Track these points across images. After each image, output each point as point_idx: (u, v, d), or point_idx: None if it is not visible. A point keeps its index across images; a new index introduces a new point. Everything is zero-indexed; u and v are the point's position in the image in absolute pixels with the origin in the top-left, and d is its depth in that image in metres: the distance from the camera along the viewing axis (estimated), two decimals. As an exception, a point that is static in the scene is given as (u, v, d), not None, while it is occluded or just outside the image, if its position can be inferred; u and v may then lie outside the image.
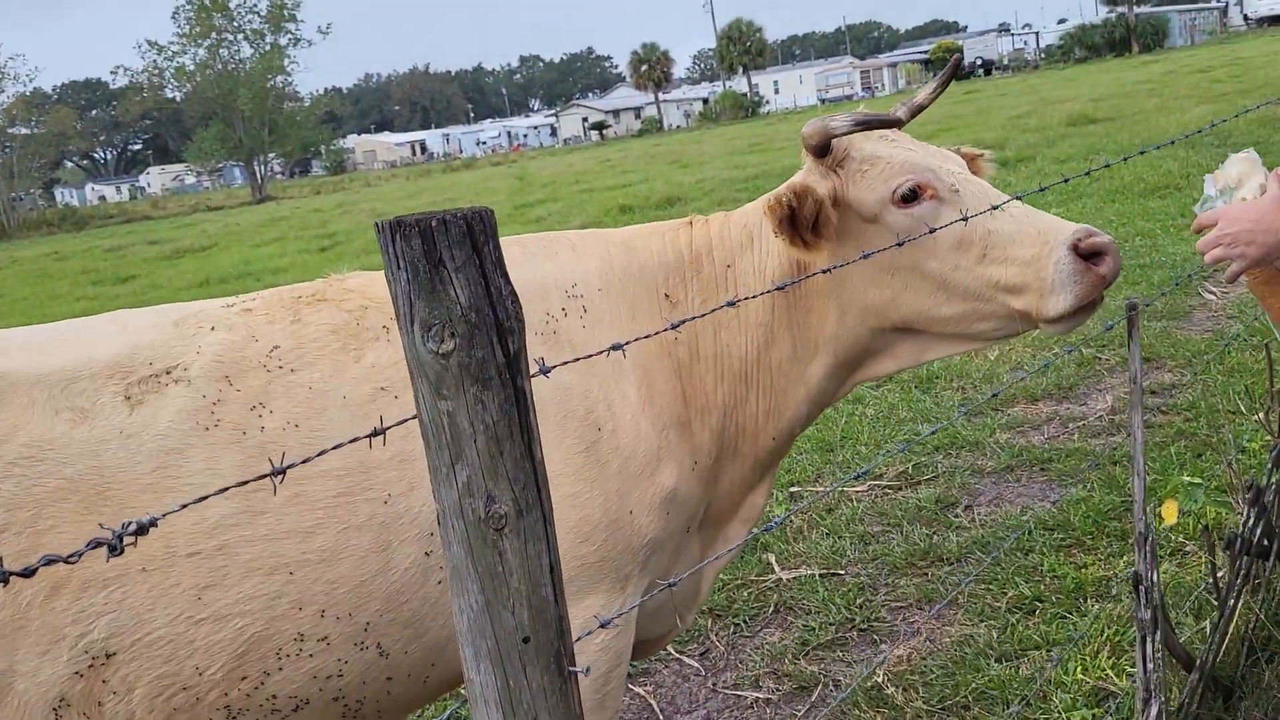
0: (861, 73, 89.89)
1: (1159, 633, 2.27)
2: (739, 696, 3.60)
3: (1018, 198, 2.35)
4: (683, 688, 3.72)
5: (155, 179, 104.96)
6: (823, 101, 78.36)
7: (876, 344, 2.41)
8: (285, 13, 64.83)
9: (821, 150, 2.28)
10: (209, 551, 1.92)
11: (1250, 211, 2.21)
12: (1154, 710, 2.26)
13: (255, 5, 64.74)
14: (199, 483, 1.94)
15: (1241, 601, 2.74)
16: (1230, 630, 2.76)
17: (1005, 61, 77.73)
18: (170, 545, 1.91)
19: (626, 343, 1.41)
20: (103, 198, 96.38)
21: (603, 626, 1.38)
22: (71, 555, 0.82)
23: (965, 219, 2.25)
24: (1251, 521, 2.70)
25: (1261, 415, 3.82)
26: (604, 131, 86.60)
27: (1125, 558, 3.93)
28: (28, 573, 0.79)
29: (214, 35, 64.06)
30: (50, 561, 0.80)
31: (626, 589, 2.20)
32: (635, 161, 32.91)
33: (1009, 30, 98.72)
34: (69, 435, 1.92)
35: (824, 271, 2.23)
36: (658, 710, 3.60)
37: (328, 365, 2.06)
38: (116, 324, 2.13)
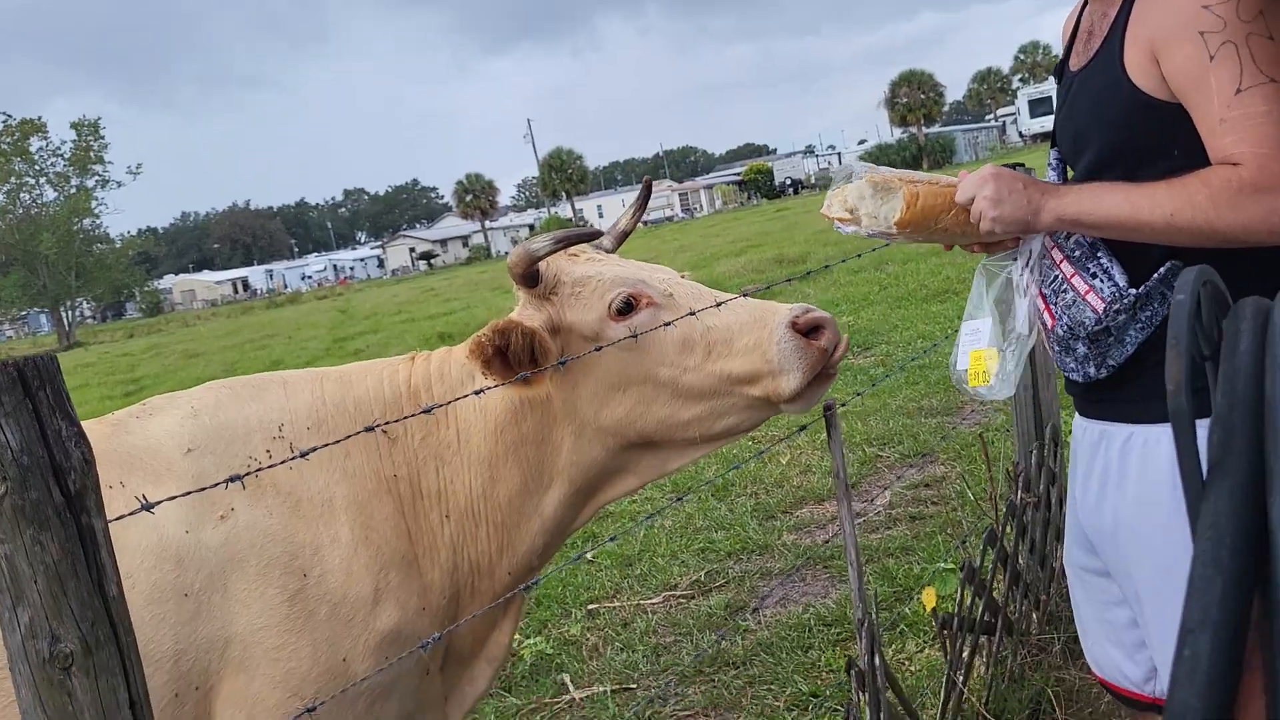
0: (680, 195, 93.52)
1: (881, 713, 2.38)
2: (527, 825, 3.54)
3: (745, 293, 2.42)
4: (471, 822, 3.63)
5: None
6: (645, 223, 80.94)
7: (616, 463, 2.42)
8: (92, 154, 62.96)
9: (531, 279, 2.32)
10: None
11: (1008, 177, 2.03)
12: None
13: (59, 149, 62.70)
14: None
15: (974, 675, 2.91)
16: (964, 706, 2.92)
17: (812, 180, 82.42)
18: None
19: (245, 474, 1.43)
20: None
21: (310, 711, 1.35)
22: None
23: (670, 324, 2.30)
24: (969, 600, 2.88)
25: (989, 500, 4.11)
26: (432, 261, 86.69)
27: (893, 645, 4.11)
28: None
29: (13, 180, 61.47)
30: None
31: None
32: (459, 289, 33.05)
33: (814, 152, 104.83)
34: None
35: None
36: None
37: None
38: None
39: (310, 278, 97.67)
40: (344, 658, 2.09)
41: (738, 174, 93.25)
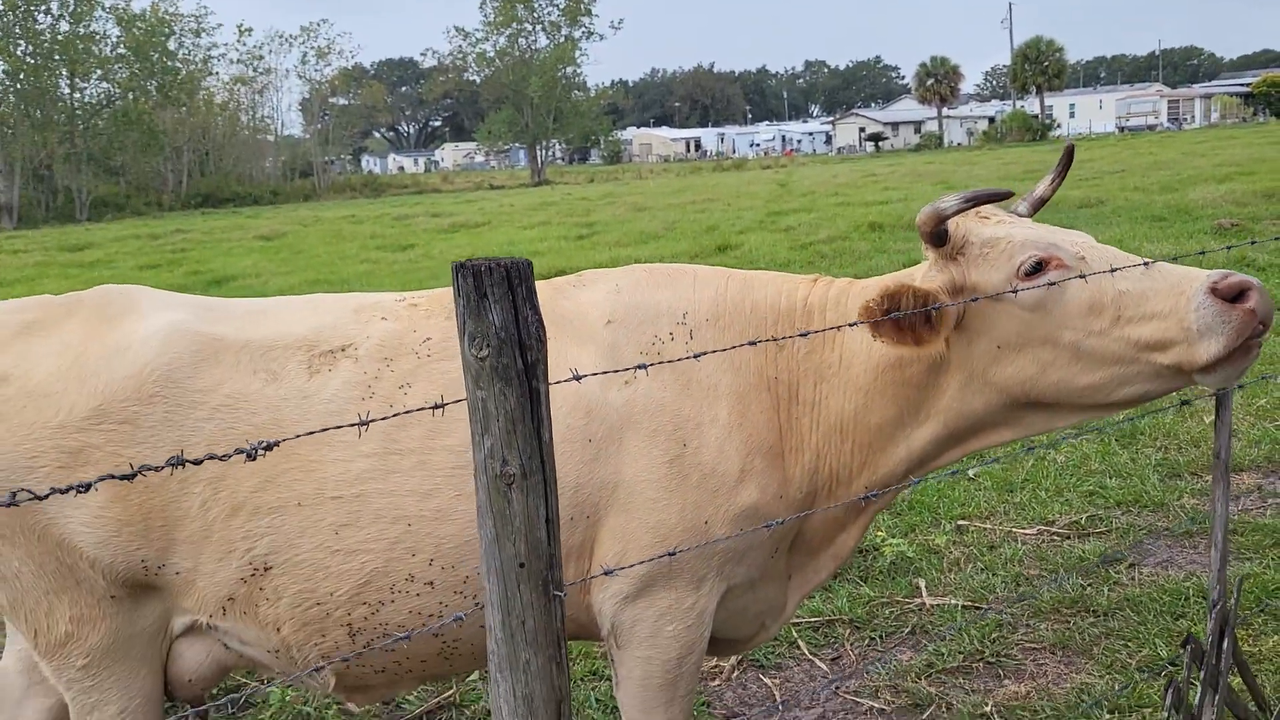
0: (1169, 102, 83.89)
1: (1218, 694, 2.37)
2: (856, 703, 3.84)
3: (1146, 262, 2.35)
4: (807, 686, 3.99)
5: (449, 154, 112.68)
6: (1121, 130, 73.80)
7: (997, 417, 2.49)
8: (582, 6, 68.10)
9: (939, 238, 2.39)
10: (349, 497, 2.38)
11: None
12: (1204, 771, 2.37)
13: (556, -1, 68.40)
14: (349, 440, 2.39)
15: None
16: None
17: (1339, 100, 70.29)
18: (321, 488, 2.38)
19: (650, 364, 1.74)
20: (401, 168, 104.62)
21: (606, 574, 1.72)
22: (202, 459, 1.27)
23: (1084, 276, 2.29)
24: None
25: None
26: (880, 143, 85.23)
27: (1276, 637, 3.86)
28: (177, 462, 1.24)
29: (514, 25, 68.16)
30: (179, 463, 1.25)
31: (701, 589, 2.48)
32: (901, 179, 32.46)
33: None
34: (260, 391, 2.44)
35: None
36: (779, 700, 3.90)
37: None
38: (310, 306, 2.65)
39: (758, 145, 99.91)
40: (706, 520, 2.44)
41: (1247, 84, 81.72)
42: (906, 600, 4.53)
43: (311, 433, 1.59)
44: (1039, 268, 2.32)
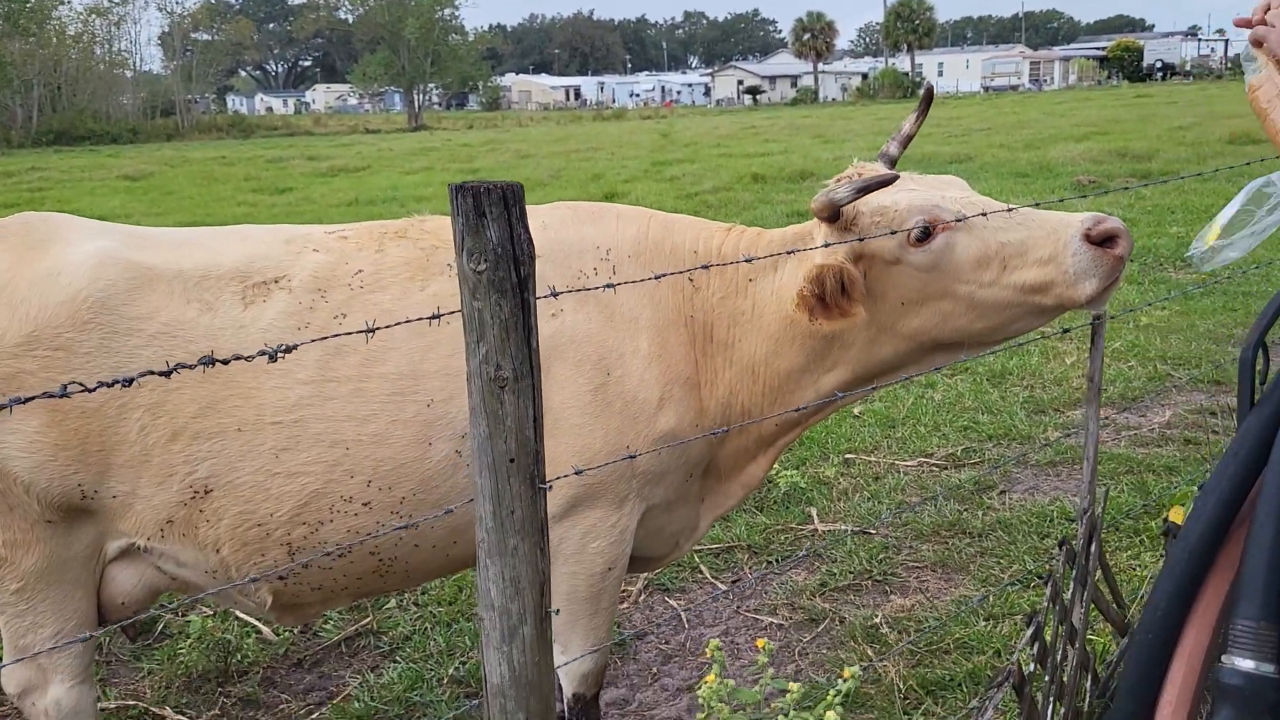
0: (1031, 64, 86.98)
1: (1086, 591, 2.69)
2: (756, 619, 4.11)
3: (1011, 208, 2.55)
4: (710, 606, 4.25)
5: (320, 96, 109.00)
6: (986, 89, 76.31)
7: (902, 360, 2.69)
8: (460, -54, 66.47)
9: (833, 217, 2.55)
10: (288, 423, 2.47)
11: None
12: (1072, 659, 2.69)
13: (434, -63, 66.55)
14: (285, 369, 2.48)
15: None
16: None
17: (1188, 67, 74.12)
18: (260, 414, 2.46)
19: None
20: (270, 109, 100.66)
21: (576, 473, 1.88)
22: (141, 375, 1.38)
23: (962, 221, 2.52)
24: (1202, 519, 3.07)
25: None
26: (757, 96, 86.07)
27: (1129, 552, 4.29)
28: (127, 382, 1.34)
29: (390, -36, 66.15)
30: (129, 381, 1.34)
31: (623, 508, 2.66)
32: (780, 131, 33.00)
33: (1197, 34, 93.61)
34: (196, 320, 2.49)
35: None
36: (684, 620, 4.14)
37: (398, 289, 2.57)
38: (238, 236, 2.70)
39: (638, 95, 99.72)
40: (628, 445, 2.60)
41: (1102, 48, 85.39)
42: (800, 527, 4.83)
43: (344, 333, 1.68)
44: (927, 232, 2.49)
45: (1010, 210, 2.56)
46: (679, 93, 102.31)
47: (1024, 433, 5.76)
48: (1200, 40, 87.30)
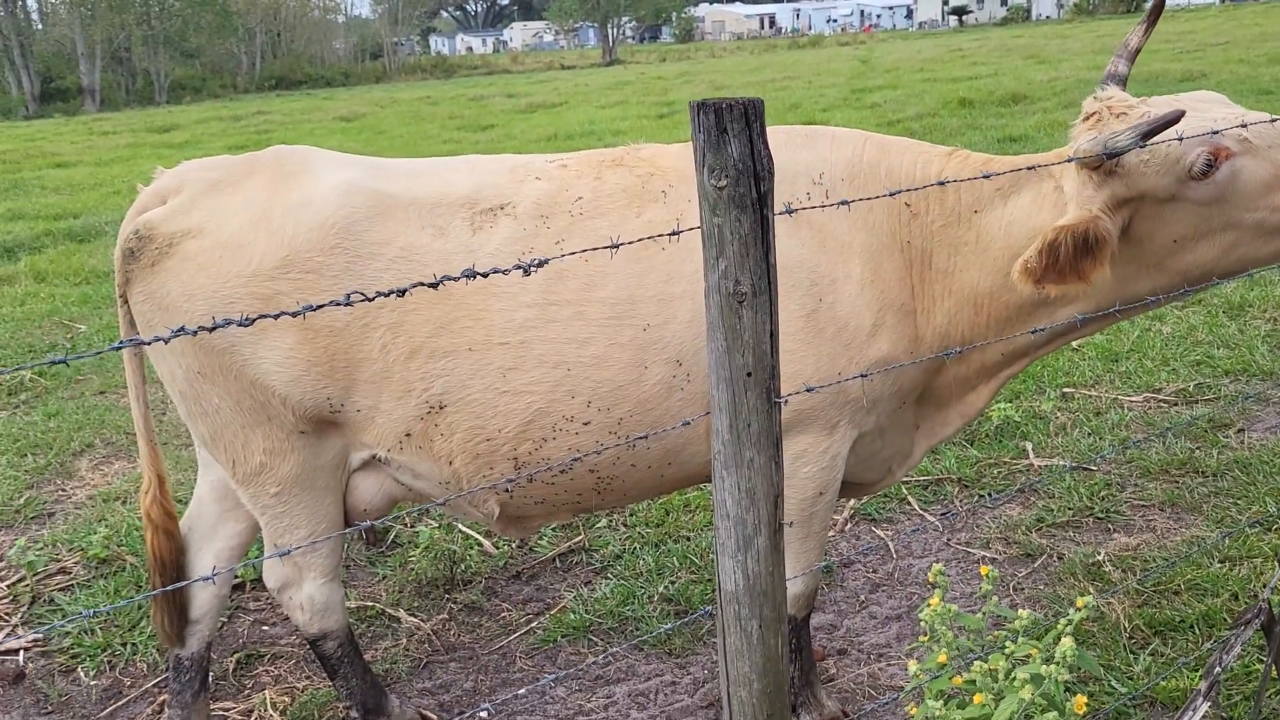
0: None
1: (1344, 535, 2.49)
2: (968, 553, 4.03)
3: (1275, 119, 2.34)
4: (919, 538, 4.19)
5: (517, 34, 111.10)
6: (1223, 0, 69.89)
7: (1160, 292, 2.51)
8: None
9: (1097, 164, 2.35)
10: (514, 344, 2.57)
11: None
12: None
13: None
14: (511, 291, 2.57)
15: None
16: None
17: None
18: (489, 334, 2.57)
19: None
20: (470, 48, 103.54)
21: (808, 390, 1.88)
22: (411, 286, 1.45)
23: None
24: None
25: None
26: (964, 17, 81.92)
27: (1388, 497, 3.95)
28: (379, 296, 1.41)
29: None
30: (378, 294, 1.40)
31: (834, 434, 2.65)
32: (989, 54, 31.35)
33: None
34: (430, 245, 2.62)
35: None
36: (893, 550, 4.10)
37: (616, 216, 2.63)
38: (468, 166, 2.80)
39: (835, 21, 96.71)
40: (840, 371, 2.58)
41: (1359, -53, 76.44)
42: (1013, 461, 4.68)
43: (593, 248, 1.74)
44: (1211, 164, 2.29)
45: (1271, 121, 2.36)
46: (879, 16, 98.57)
47: (1265, 368, 5.35)
48: None
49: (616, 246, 1.64)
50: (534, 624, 3.76)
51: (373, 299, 1.42)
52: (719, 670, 1.70)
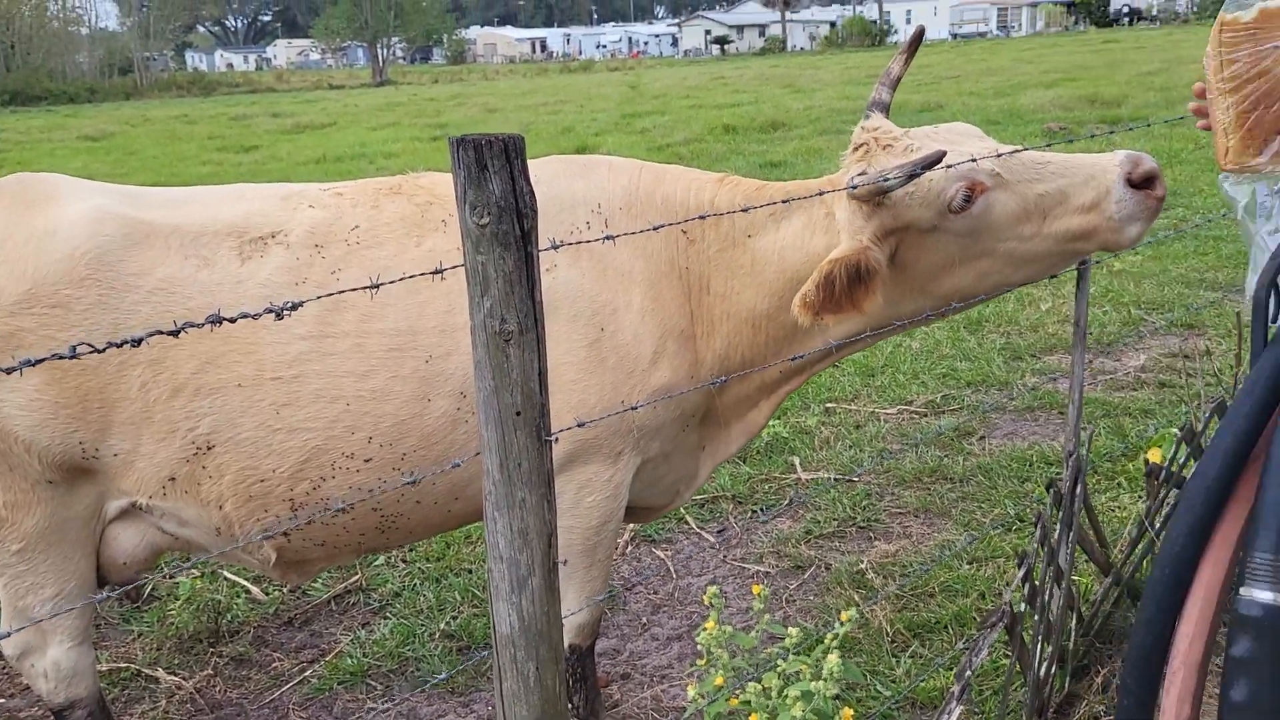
0: (999, 10, 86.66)
1: (1072, 532, 2.74)
2: (743, 568, 4.15)
3: (1024, 149, 2.51)
4: (697, 556, 4.29)
5: (282, 52, 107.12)
6: (954, 36, 75.96)
7: (923, 313, 2.63)
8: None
9: (868, 198, 2.44)
10: (288, 378, 2.46)
11: None
12: (1058, 599, 2.74)
13: (393, -114, 65.19)
14: (285, 324, 2.46)
15: (1160, 527, 3.18)
16: (1152, 551, 3.21)
17: (1154, 11, 74.20)
18: (260, 369, 2.45)
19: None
20: (230, 65, 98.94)
21: (579, 426, 1.89)
22: (145, 335, 1.37)
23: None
24: (1184, 459, 3.12)
25: (1234, 377, 4.17)
26: (725, 47, 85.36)
27: (1108, 494, 4.36)
28: (136, 341, 1.32)
29: (350, -87, 64.81)
30: (137, 341, 1.32)
31: (618, 462, 2.66)
32: (749, 81, 32.77)
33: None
34: (194, 276, 2.47)
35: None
36: (672, 570, 4.18)
37: (394, 245, 2.56)
38: (235, 194, 2.67)
39: (604, 47, 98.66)
40: (623, 400, 2.59)
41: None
42: (783, 476, 4.87)
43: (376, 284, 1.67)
44: (969, 198, 2.42)
45: (1018, 151, 2.51)
46: (646, 44, 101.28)
47: (1002, 379, 5.82)
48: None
49: (376, 286, 1.58)
50: (308, 672, 3.60)
51: (137, 342, 1.29)
52: (496, 713, 1.67)
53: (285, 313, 1.35)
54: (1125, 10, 73.65)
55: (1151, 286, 7.32)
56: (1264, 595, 1.15)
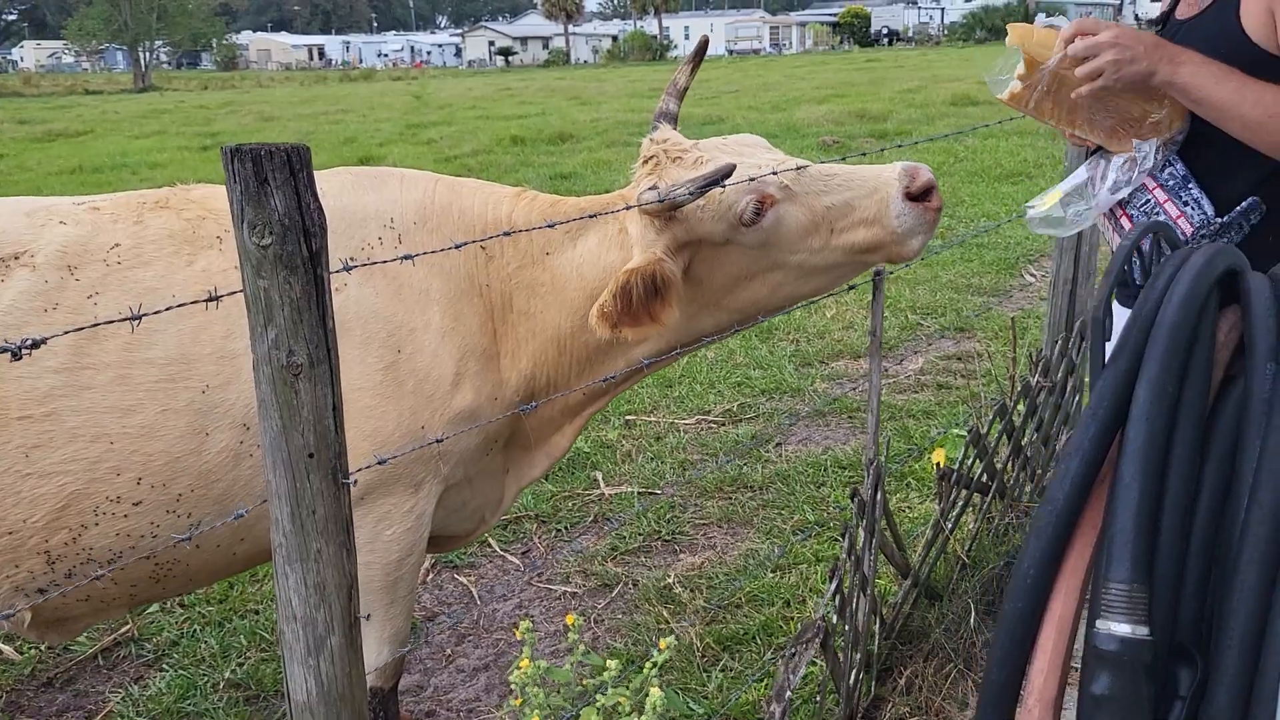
0: (771, 28, 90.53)
1: (874, 539, 2.78)
2: (550, 590, 4.05)
3: (804, 165, 2.52)
4: (502, 579, 4.16)
5: (29, 54, 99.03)
6: (730, 53, 78.67)
7: (722, 329, 2.64)
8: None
9: (659, 211, 2.42)
10: (38, 416, 2.18)
11: (1136, 33, 2.18)
12: (864, 605, 2.78)
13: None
14: (35, 356, 2.16)
15: (957, 527, 3.31)
16: (945, 551, 3.33)
17: (910, 34, 79.31)
18: (4, 408, 2.17)
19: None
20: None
21: (380, 463, 1.74)
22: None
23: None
24: (971, 460, 3.25)
25: (1008, 378, 4.43)
26: (510, 58, 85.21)
27: (898, 494, 4.52)
28: None
29: (104, -92, 60.69)
30: None
31: (420, 491, 2.50)
32: (536, 93, 32.77)
33: (916, 3, 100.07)
34: None
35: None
36: (477, 596, 4.03)
37: (162, 265, 2.32)
38: None
39: (386, 56, 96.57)
40: (423, 425, 2.45)
41: (834, 14, 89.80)
42: (586, 492, 4.80)
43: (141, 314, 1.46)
44: (759, 211, 2.43)
45: (802, 169, 2.53)
46: (429, 53, 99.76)
47: (793, 386, 5.97)
48: (920, 8, 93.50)
49: (139, 318, 1.39)
50: (73, 739, 3.24)
51: None
52: (295, 787, 1.50)
53: (24, 351, 1.15)
54: (884, 31, 78.43)
55: (925, 292, 7.71)
56: (1121, 628, 1.15)
